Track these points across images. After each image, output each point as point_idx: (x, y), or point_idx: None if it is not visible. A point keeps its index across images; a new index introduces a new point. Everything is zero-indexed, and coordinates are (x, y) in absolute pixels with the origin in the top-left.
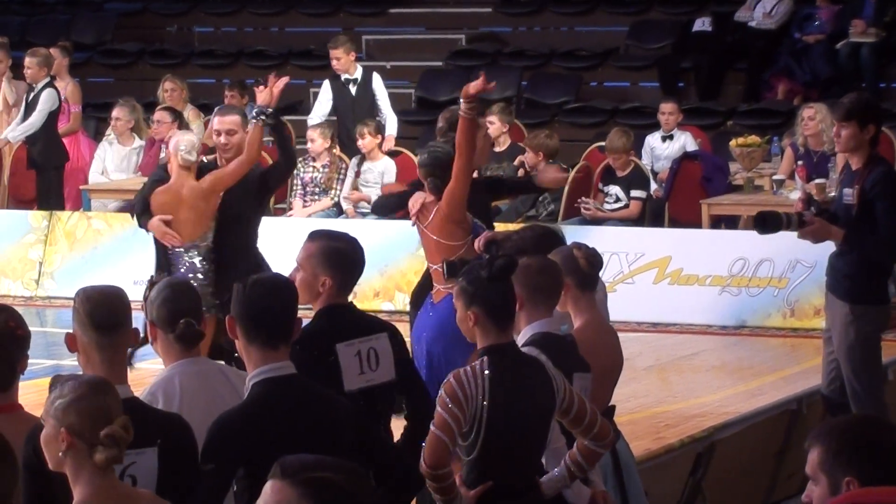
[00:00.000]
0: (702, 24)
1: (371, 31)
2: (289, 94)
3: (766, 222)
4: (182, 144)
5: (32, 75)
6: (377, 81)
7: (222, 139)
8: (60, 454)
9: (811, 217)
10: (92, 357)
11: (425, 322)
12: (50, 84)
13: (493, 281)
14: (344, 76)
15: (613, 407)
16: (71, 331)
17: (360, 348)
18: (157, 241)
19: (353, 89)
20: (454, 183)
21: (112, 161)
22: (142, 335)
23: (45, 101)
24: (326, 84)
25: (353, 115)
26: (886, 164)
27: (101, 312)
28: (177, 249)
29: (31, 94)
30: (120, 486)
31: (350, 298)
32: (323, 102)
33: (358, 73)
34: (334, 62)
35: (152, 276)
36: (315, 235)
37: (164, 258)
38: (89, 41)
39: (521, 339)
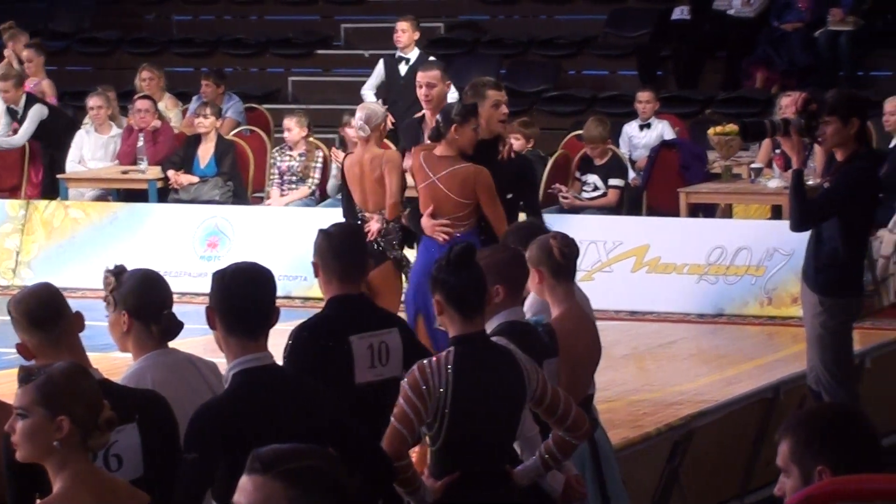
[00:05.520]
0: (680, 12)
1: (349, 19)
2: (267, 82)
3: (748, 131)
4: (357, 122)
5: (11, 98)
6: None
7: (423, 91)
8: (56, 443)
9: (794, 127)
10: (49, 355)
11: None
12: (36, 99)
13: (453, 267)
14: (398, 53)
15: (591, 395)
16: (18, 341)
17: (372, 341)
18: (345, 203)
19: (403, 69)
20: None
21: (89, 149)
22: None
23: (33, 119)
24: (381, 61)
25: (402, 96)
26: (869, 160)
27: (37, 310)
28: (366, 214)
29: (20, 111)
30: (101, 473)
31: None
32: (373, 76)
33: (413, 55)
34: (398, 34)
35: (118, 266)
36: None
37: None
38: (67, 29)
39: (487, 330)
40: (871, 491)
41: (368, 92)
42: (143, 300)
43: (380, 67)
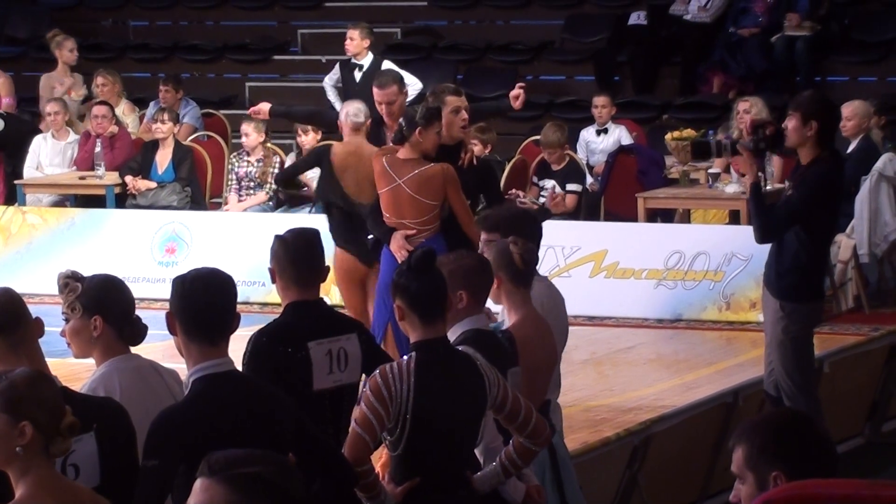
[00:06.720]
0: (637, 17)
1: (306, 24)
2: (224, 88)
3: (694, 151)
4: (351, 109)
5: None
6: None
7: (384, 108)
8: (18, 449)
9: (743, 147)
10: (8, 360)
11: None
12: None
13: (413, 272)
14: (352, 60)
15: (549, 401)
16: None
17: (330, 348)
18: (326, 191)
19: (357, 76)
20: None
21: (47, 155)
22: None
23: None
24: (338, 64)
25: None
26: (831, 165)
27: None
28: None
29: None
30: (63, 479)
31: None
32: (332, 73)
33: (367, 62)
34: (347, 41)
35: (74, 272)
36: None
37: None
38: (23, 35)
39: (451, 337)
40: (828, 496)
41: (328, 84)
42: (116, 304)
43: (337, 68)
